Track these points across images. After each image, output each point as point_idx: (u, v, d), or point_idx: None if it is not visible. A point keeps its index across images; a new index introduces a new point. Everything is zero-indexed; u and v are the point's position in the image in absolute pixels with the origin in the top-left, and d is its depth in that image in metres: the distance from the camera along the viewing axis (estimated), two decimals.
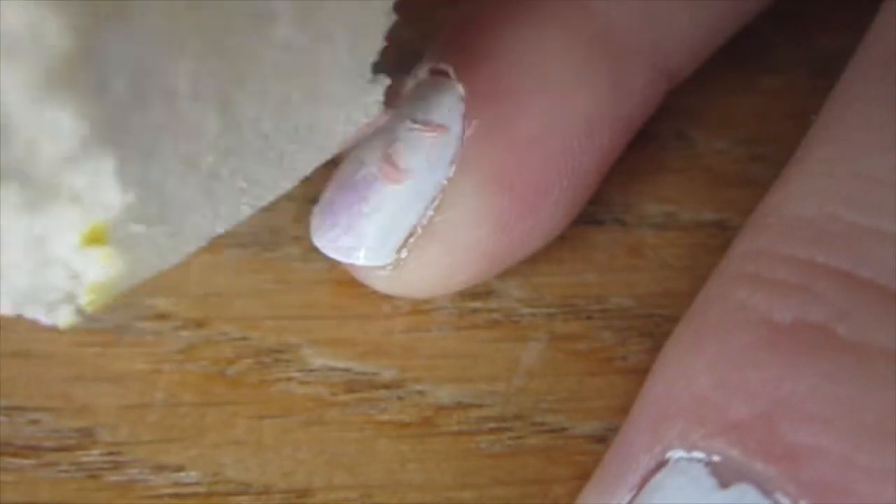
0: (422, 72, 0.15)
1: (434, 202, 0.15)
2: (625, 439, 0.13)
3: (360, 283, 0.16)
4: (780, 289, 0.13)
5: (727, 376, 0.12)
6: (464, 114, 0.15)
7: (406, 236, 0.15)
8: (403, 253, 0.15)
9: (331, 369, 0.16)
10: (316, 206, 0.15)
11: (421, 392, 0.16)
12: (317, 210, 0.15)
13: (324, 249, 0.15)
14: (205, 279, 0.16)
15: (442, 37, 0.16)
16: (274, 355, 0.16)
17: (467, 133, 0.15)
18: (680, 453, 0.12)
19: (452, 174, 0.15)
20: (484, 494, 0.15)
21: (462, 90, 0.15)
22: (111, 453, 0.15)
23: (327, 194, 0.15)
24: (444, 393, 0.16)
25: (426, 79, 0.15)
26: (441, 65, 0.15)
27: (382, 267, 0.15)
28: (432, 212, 0.15)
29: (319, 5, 0.11)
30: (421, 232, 0.15)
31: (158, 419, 0.15)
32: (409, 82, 0.15)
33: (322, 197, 0.15)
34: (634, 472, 0.13)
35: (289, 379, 0.16)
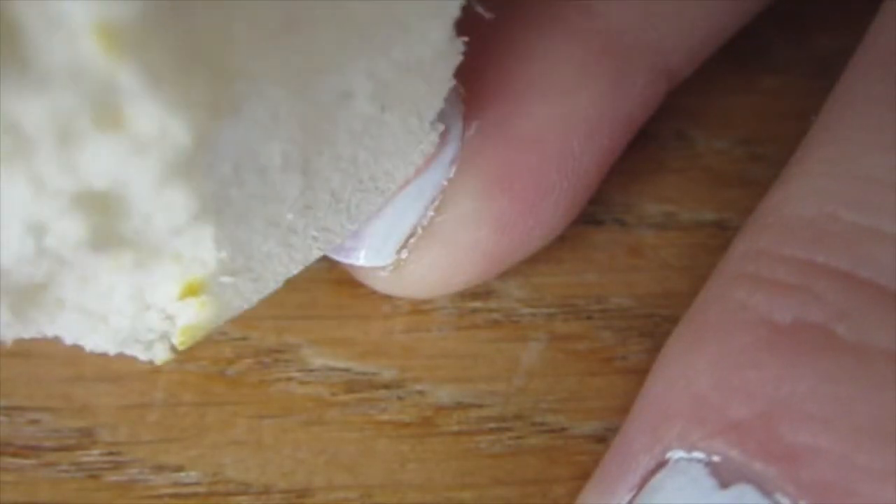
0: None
1: (434, 202, 0.15)
2: (625, 439, 0.13)
3: (360, 283, 0.16)
4: (780, 289, 0.13)
5: (727, 376, 0.12)
6: (464, 114, 0.15)
7: (406, 237, 0.15)
8: (404, 253, 0.15)
9: (331, 369, 0.16)
10: None
11: (421, 392, 0.16)
12: None
13: None
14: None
15: None
16: (274, 355, 0.16)
17: (467, 133, 0.15)
18: (680, 453, 0.12)
19: (453, 174, 0.15)
20: (484, 494, 0.15)
21: (462, 90, 0.15)
22: (111, 453, 0.15)
23: None
24: (444, 393, 0.16)
25: None
26: None
27: (383, 267, 0.15)
28: (433, 212, 0.15)
29: (394, 82, 0.12)
30: (421, 232, 0.15)
31: (158, 419, 0.15)
32: None
33: None
34: (634, 473, 0.13)
35: (289, 379, 0.16)
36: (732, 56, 0.18)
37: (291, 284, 0.16)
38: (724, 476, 0.12)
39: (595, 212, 0.17)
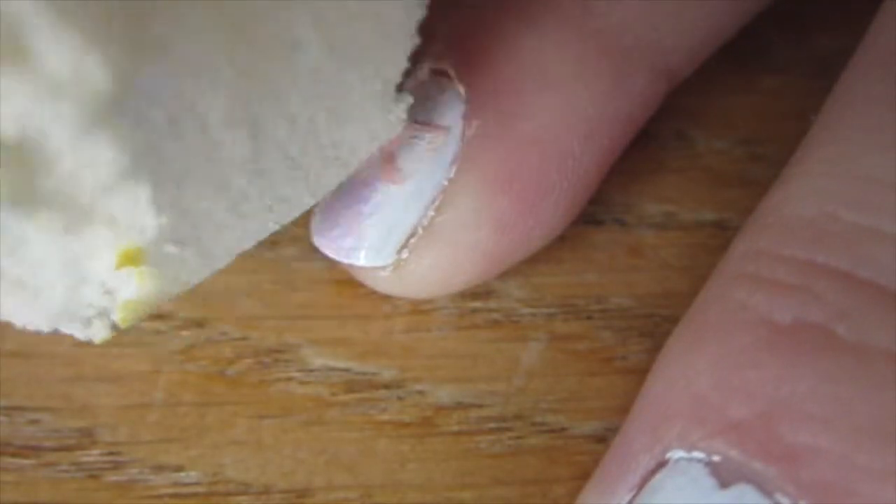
0: (422, 72, 0.15)
1: (435, 203, 0.15)
2: (625, 439, 0.13)
3: (360, 283, 0.16)
4: (780, 289, 0.13)
5: (727, 376, 0.12)
6: (464, 114, 0.15)
7: (407, 237, 0.15)
8: (404, 253, 0.15)
9: (331, 369, 0.16)
10: (316, 207, 0.15)
11: (421, 392, 0.16)
12: (317, 210, 0.15)
13: (324, 250, 0.15)
14: (205, 279, 0.16)
15: (442, 36, 0.16)
16: (274, 355, 0.16)
17: (468, 133, 0.15)
18: (680, 453, 0.12)
19: (453, 175, 0.15)
20: (484, 494, 0.15)
21: (462, 90, 0.15)
22: (111, 453, 0.15)
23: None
24: (444, 393, 0.16)
25: (426, 79, 0.15)
26: (441, 65, 0.15)
27: (383, 267, 0.15)
28: (433, 212, 0.15)
29: (345, 33, 0.12)
30: (422, 232, 0.15)
31: (158, 419, 0.15)
32: (410, 82, 0.15)
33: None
34: (634, 473, 0.13)
35: (289, 379, 0.16)
36: (732, 56, 0.18)
37: (291, 284, 0.16)
38: (724, 476, 0.12)
39: (595, 212, 0.17)
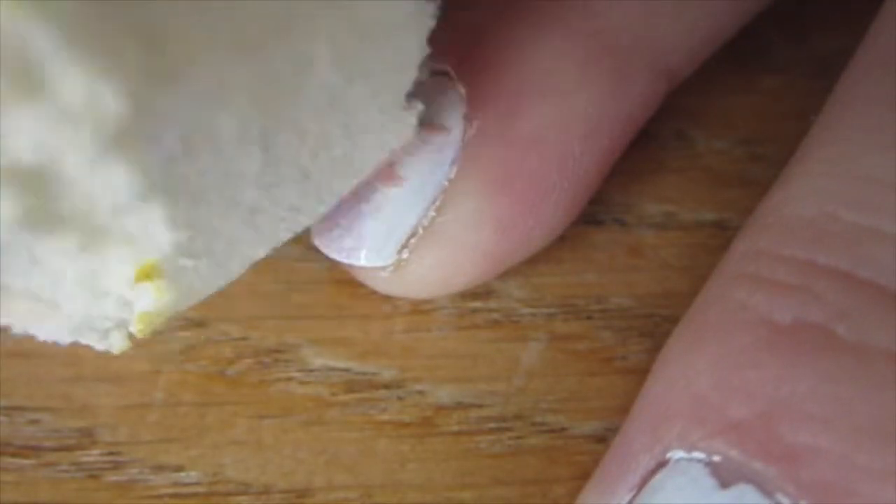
0: (422, 72, 0.15)
1: (435, 203, 0.15)
2: (625, 439, 0.13)
3: (360, 283, 0.16)
4: (780, 289, 0.13)
5: (727, 376, 0.12)
6: (465, 114, 0.15)
7: (407, 237, 0.15)
8: (405, 254, 0.15)
9: (331, 369, 0.16)
10: None
11: (421, 392, 0.16)
12: None
13: (325, 250, 0.15)
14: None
15: (442, 37, 0.16)
16: (274, 355, 0.16)
17: (468, 134, 0.15)
18: (680, 453, 0.12)
19: (454, 175, 0.15)
20: (484, 494, 0.15)
21: (463, 91, 0.15)
22: (111, 453, 0.15)
23: None
24: (444, 393, 0.16)
25: (427, 79, 0.15)
26: (442, 65, 0.15)
27: (384, 268, 0.15)
28: (434, 212, 0.15)
29: (357, 48, 0.12)
30: (422, 233, 0.15)
31: (158, 419, 0.15)
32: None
33: None
34: (634, 473, 0.13)
35: (289, 379, 0.16)
36: (732, 56, 0.17)
37: (291, 284, 0.16)
38: (725, 476, 0.12)
39: (595, 212, 0.17)
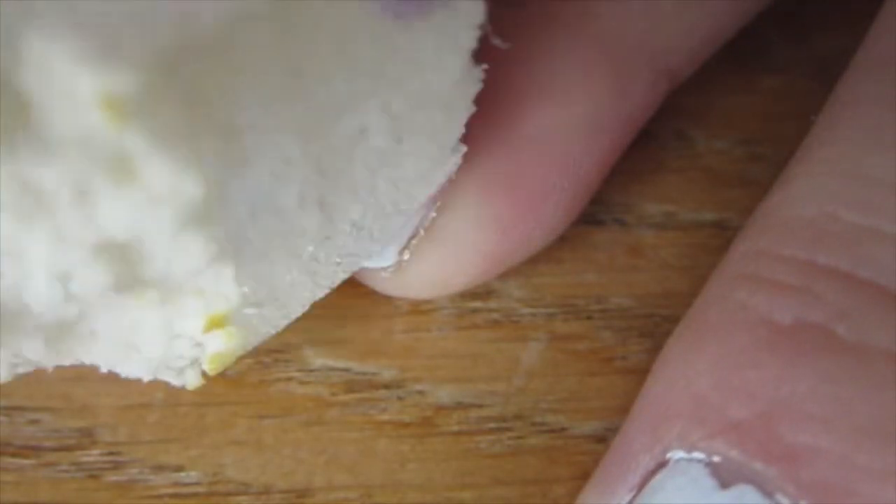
0: None
1: (436, 204, 0.15)
2: (625, 439, 0.13)
3: (360, 283, 0.16)
4: (780, 289, 0.13)
5: (727, 377, 0.12)
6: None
7: (408, 238, 0.15)
8: (406, 254, 0.15)
9: (331, 369, 0.16)
10: None
11: (421, 392, 0.16)
12: None
13: None
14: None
15: None
16: (274, 355, 0.16)
17: (469, 135, 0.15)
18: (680, 454, 0.12)
19: (454, 176, 0.15)
20: (484, 494, 0.15)
21: None
22: (111, 453, 0.15)
23: None
24: (444, 393, 0.16)
25: None
26: None
27: (384, 268, 0.15)
28: (434, 213, 0.15)
29: (410, 115, 0.12)
30: (423, 234, 0.15)
31: (158, 419, 0.15)
32: None
33: None
34: (634, 473, 0.13)
35: (289, 379, 0.16)
36: (732, 56, 0.17)
37: None
38: (725, 476, 0.12)
39: (595, 212, 0.17)
